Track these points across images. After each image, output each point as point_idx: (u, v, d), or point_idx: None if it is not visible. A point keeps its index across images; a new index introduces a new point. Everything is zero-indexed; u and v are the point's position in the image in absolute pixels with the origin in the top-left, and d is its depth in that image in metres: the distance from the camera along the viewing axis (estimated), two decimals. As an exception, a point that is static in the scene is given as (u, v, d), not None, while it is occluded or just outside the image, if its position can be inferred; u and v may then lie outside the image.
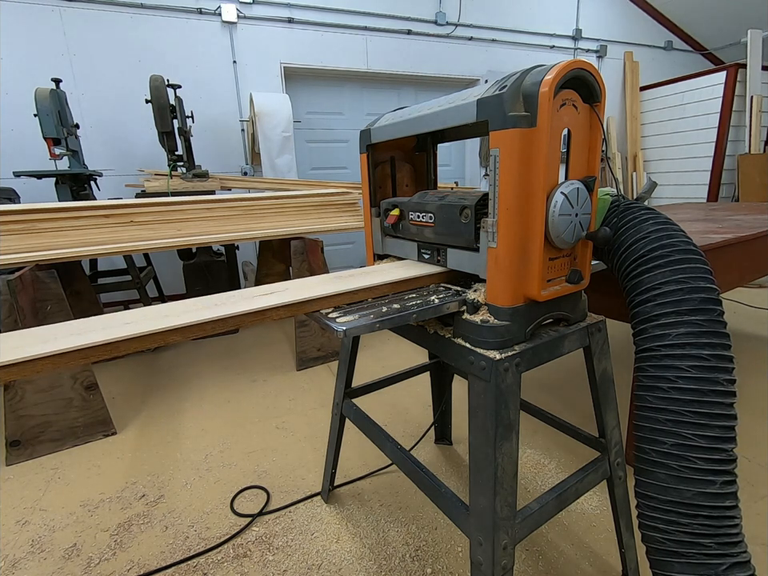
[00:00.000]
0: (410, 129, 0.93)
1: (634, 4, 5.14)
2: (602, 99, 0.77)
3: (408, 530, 1.33)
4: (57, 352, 0.60)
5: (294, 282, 0.91)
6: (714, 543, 0.77)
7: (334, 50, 3.85)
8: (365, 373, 2.39)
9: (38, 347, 0.61)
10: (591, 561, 1.20)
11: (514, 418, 0.78)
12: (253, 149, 3.63)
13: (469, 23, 4.30)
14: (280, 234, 2.40)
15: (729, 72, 4.44)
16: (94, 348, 0.62)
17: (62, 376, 1.78)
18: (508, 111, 0.68)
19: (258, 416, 2.02)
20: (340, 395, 1.34)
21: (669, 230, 0.90)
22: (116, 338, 0.63)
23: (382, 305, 0.81)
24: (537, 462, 1.61)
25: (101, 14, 3.16)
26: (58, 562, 1.27)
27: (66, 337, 0.64)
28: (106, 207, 2.08)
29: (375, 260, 1.17)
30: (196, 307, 0.75)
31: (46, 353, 0.60)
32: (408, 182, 1.19)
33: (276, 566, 1.23)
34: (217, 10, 3.43)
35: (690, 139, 4.86)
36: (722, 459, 0.78)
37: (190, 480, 1.60)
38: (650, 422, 0.83)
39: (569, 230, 0.76)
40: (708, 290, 0.83)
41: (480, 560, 0.81)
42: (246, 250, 3.82)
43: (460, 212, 0.86)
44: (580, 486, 0.94)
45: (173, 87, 2.90)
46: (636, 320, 0.89)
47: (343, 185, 2.97)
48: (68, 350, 0.61)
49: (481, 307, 0.81)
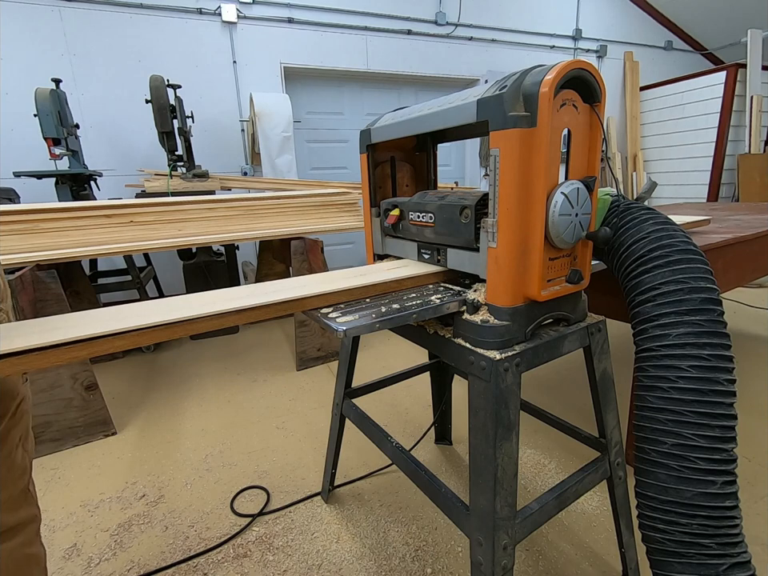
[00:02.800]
0: (410, 129, 0.93)
1: (634, 4, 5.13)
2: (602, 99, 0.77)
3: (408, 530, 1.33)
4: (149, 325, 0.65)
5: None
6: (714, 543, 0.77)
7: (333, 49, 3.85)
8: (365, 373, 2.39)
9: (132, 320, 0.65)
10: (591, 561, 1.20)
11: (514, 418, 0.78)
12: (253, 149, 3.63)
13: (469, 23, 4.30)
14: (280, 234, 2.40)
15: (729, 72, 4.44)
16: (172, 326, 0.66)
17: (62, 376, 1.78)
18: (508, 111, 0.68)
19: (258, 416, 2.02)
20: (340, 395, 1.34)
21: (669, 230, 0.90)
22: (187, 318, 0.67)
23: (381, 305, 0.81)
24: (537, 462, 1.61)
25: (101, 14, 3.16)
26: (58, 562, 1.27)
27: (134, 317, 0.68)
28: (106, 207, 2.08)
29: (375, 260, 1.17)
30: (246, 293, 0.80)
31: (150, 323, 0.64)
32: (408, 182, 1.19)
33: (276, 566, 1.23)
34: (217, 10, 3.43)
35: (689, 139, 4.86)
36: (723, 459, 0.78)
37: (190, 480, 1.60)
38: (651, 422, 0.83)
39: (569, 229, 0.76)
40: (708, 290, 0.83)
41: (480, 560, 0.81)
42: (246, 249, 3.82)
43: (460, 212, 0.86)
44: (580, 486, 0.94)
45: (173, 87, 2.90)
46: (636, 320, 0.89)
47: (343, 185, 2.97)
48: (148, 325, 0.65)
49: (481, 307, 0.81)
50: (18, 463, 0.70)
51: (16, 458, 0.70)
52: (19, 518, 0.70)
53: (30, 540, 0.73)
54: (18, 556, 0.70)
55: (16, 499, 0.70)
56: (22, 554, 0.71)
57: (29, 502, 0.73)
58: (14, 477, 0.69)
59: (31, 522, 0.74)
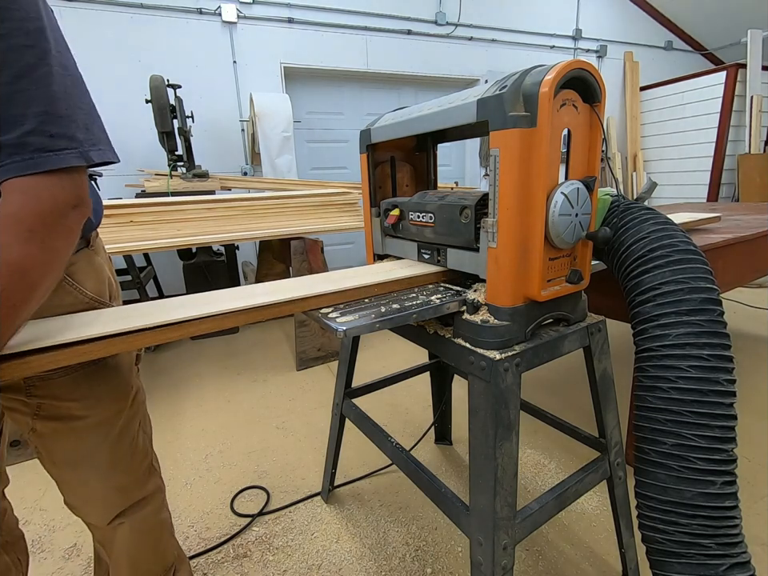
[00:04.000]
0: (410, 129, 0.93)
1: (634, 4, 5.13)
2: (602, 99, 0.77)
3: (408, 530, 1.33)
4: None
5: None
6: (714, 543, 0.77)
7: (334, 49, 3.85)
8: (365, 373, 2.39)
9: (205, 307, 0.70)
10: (591, 561, 1.20)
11: (514, 418, 0.77)
12: (253, 149, 3.63)
13: (469, 23, 4.30)
14: (280, 234, 2.40)
15: (729, 72, 4.44)
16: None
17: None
18: (508, 111, 0.68)
19: (258, 416, 2.02)
20: (340, 395, 1.34)
21: (669, 230, 0.90)
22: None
23: (381, 305, 0.81)
24: (537, 462, 1.61)
25: (101, 13, 3.16)
26: (58, 561, 1.27)
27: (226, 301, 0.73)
28: (106, 207, 2.07)
29: (375, 260, 1.17)
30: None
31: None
32: (408, 182, 1.19)
33: (276, 566, 1.23)
34: (217, 10, 3.43)
35: (689, 139, 4.85)
36: (722, 459, 0.78)
37: (190, 480, 1.60)
38: (650, 422, 0.83)
39: (569, 230, 0.76)
40: (708, 290, 0.83)
41: (480, 560, 0.81)
42: (246, 249, 3.82)
43: (460, 212, 0.86)
44: (580, 486, 0.94)
45: (173, 87, 2.90)
46: (636, 320, 0.89)
47: (343, 185, 2.97)
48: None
49: (481, 307, 0.81)
50: (140, 447, 0.80)
51: (137, 442, 0.79)
52: (147, 490, 0.81)
53: (158, 507, 0.85)
54: (151, 521, 0.83)
55: (142, 475, 0.81)
56: (154, 519, 0.84)
57: (154, 476, 0.84)
58: (139, 459, 0.80)
59: (158, 492, 0.85)
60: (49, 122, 0.49)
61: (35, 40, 0.49)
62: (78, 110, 0.53)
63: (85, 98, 0.55)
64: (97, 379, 0.70)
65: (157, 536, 0.86)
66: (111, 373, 0.73)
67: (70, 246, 0.55)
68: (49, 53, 0.50)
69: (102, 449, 0.72)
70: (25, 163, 0.47)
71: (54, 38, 0.52)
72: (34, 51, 0.49)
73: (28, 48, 0.48)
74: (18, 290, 0.48)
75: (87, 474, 0.73)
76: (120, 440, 0.75)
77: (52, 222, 0.50)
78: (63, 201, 0.51)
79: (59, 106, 0.50)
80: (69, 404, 0.67)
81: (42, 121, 0.49)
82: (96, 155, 0.54)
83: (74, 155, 0.51)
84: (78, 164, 0.51)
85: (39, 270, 0.50)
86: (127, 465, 0.77)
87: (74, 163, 0.50)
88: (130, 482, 0.78)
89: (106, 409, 0.72)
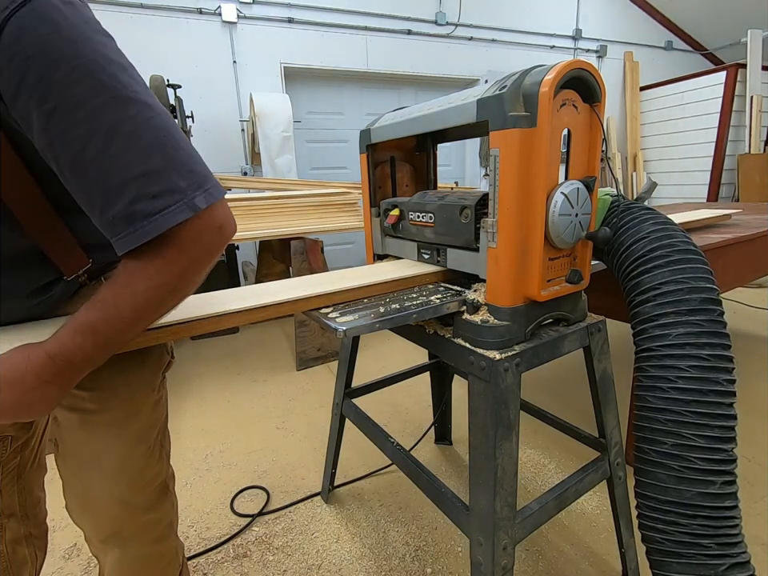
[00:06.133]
0: (410, 129, 0.93)
1: (634, 4, 5.13)
2: (602, 99, 0.77)
3: (408, 530, 1.33)
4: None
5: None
6: (714, 543, 0.77)
7: (334, 49, 3.85)
8: (365, 373, 2.38)
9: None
10: (591, 561, 1.20)
11: (514, 418, 0.77)
12: (253, 149, 3.62)
13: (469, 23, 4.30)
14: (280, 234, 2.40)
15: (729, 72, 4.44)
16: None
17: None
18: (508, 111, 0.68)
19: (258, 416, 2.02)
20: (340, 395, 1.34)
21: (669, 230, 0.90)
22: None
23: (381, 305, 0.81)
24: (537, 462, 1.61)
25: (101, 13, 3.15)
26: (58, 561, 1.27)
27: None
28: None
29: (375, 260, 1.17)
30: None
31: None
32: (408, 182, 1.19)
33: (276, 566, 1.23)
34: (217, 10, 3.43)
35: (689, 139, 4.85)
36: (722, 459, 0.78)
37: (190, 480, 1.60)
38: (650, 422, 0.83)
39: (569, 229, 0.76)
40: (708, 290, 0.83)
41: (480, 560, 0.81)
42: (246, 250, 3.81)
43: (460, 212, 0.86)
44: (580, 486, 0.94)
45: (173, 87, 2.90)
46: (636, 320, 0.89)
47: (343, 185, 2.97)
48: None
49: (481, 307, 0.81)
50: (154, 461, 0.73)
51: (153, 454, 0.73)
52: (154, 514, 0.74)
53: (160, 537, 0.77)
54: (149, 553, 0.76)
55: (152, 494, 0.73)
56: (154, 550, 0.76)
57: (165, 501, 0.77)
58: (151, 474, 0.73)
59: (164, 518, 0.77)
60: (149, 182, 0.46)
61: (111, 92, 0.44)
62: (174, 155, 0.48)
63: (175, 135, 0.50)
64: (117, 370, 0.65)
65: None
66: (133, 366, 0.68)
67: (207, 268, 0.54)
68: (129, 100, 0.45)
69: (110, 450, 0.67)
70: (137, 233, 0.46)
71: (128, 76, 0.47)
72: (114, 106, 0.44)
73: (107, 104, 0.44)
74: (154, 317, 0.55)
75: (91, 477, 0.68)
76: (133, 447, 0.69)
77: (189, 277, 0.52)
78: (193, 257, 0.50)
79: (154, 160, 0.46)
80: (83, 393, 0.63)
81: (143, 183, 0.46)
82: (201, 199, 0.49)
83: (180, 209, 0.47)
84: (183, 218, 0.47)
85: (180, 299, 0.55)
86: (136, 476, 0.70)
87: (179, 219, 0.47)
88: (136, 497, 0.71)
89: (120, 406, 0.67)
